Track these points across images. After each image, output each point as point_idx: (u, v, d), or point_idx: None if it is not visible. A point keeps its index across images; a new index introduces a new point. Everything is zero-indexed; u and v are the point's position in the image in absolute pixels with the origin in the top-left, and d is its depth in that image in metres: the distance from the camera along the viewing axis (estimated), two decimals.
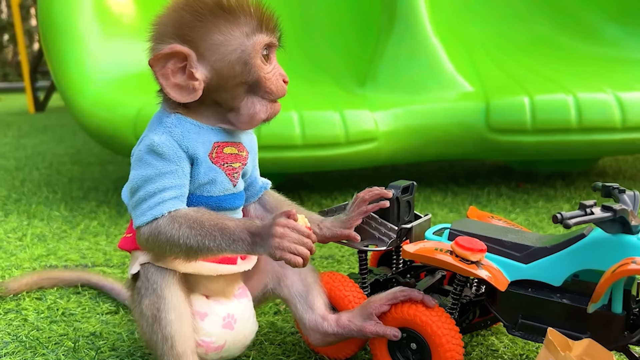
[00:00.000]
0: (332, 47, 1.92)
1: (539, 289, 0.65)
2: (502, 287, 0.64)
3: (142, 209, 0.62)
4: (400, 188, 0.75)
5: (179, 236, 0.61)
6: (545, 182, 1.72)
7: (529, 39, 2.03)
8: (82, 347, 0.81)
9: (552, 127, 1.46)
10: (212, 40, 0.62)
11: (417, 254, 0.67)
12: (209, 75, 0.63)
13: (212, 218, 0.62)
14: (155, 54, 0.61)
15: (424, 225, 0.77)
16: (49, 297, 0.99)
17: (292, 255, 0.58)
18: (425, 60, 1.64)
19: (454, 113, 1.54)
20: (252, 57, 0.63)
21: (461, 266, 0.63)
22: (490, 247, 0.67)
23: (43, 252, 1.23)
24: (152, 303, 0.65)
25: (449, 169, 1.98)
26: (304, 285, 0.75)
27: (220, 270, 0.69)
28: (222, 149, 0.67)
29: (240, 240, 0.60)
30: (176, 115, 0.65)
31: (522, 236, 0.69)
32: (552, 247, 0.65)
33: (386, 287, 0.81)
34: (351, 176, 1.91)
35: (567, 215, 0.58)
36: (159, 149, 0.62)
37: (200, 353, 0.69)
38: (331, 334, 0.72)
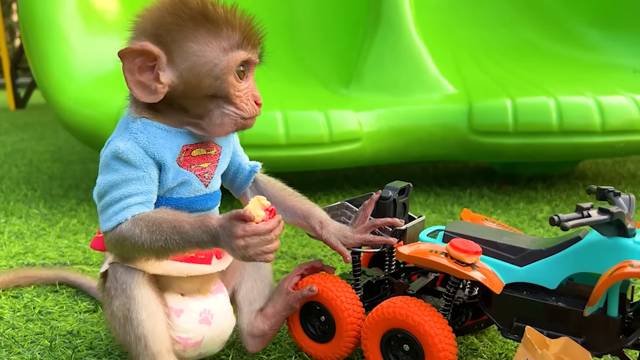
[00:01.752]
0: (318, 48, 1.91)
1: (534, 291, 0.65)
2: (497, 290, 0.63)
3: (108, 214, 0.62)
4: (397, 189, 0.75)
5: (142, 242, 0.60)
6: (527, 185, 1.74)
7: (513, 43, 2.05)
8: (59, 345, 0.80)
9: (534, 129, 1.47)
10: (186, 47, 0.61)
11: (411, 256, 0.67)
12: (177, 82, 0.62)
13: (170, 220, 0.60)
14: (127, 47, 0.60)
15: (417, 227, 0.77)
16: (26, 296, 0.97)
17: (260, 256, 0.58)
18: (410, 62, 1.65)
19: (437, 115, 1.54)
20: (225, 73, 0.61)
21: (456, 268, 0.63)
22: (485, 249, 0.67)
23: (20, 250, 1.21)
24: (123, 304, 0.64)
25: (432, 171, 1.99)
26: (257, 293, 0.76)
27: (192, 270, 0.68)
28: (190, 153, 0.65)
29: (201, 242, 0.59)
30: (142, 120, 0.63)
31: (517, 239, 0.69)
32: (548, 249, 0.64)
33: (379, 289, 0.81)
34: (335, 176, 1.91)
35: (564, 217, 0.58)
36: (124, 156, 0.61)
37: (178, 350, 0.69)
38: (268, 329, 0.74)
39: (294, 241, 1.26)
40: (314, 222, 0.73)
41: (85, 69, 1.51)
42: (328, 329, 0.74)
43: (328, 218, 0.74)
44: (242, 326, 0.75)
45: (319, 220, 0.73)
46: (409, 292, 0.74)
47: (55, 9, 1.52)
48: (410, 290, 0.74)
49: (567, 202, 1.55)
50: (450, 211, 1.49)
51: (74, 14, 1.55)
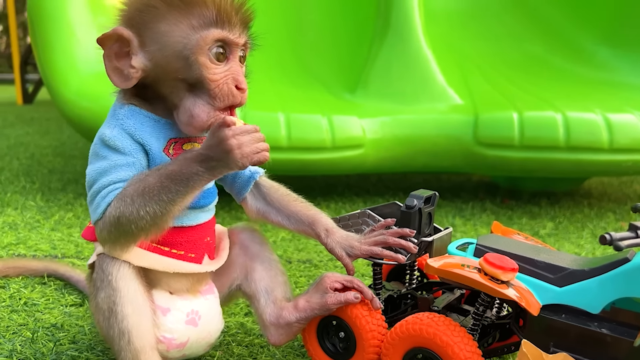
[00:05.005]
0: (324, 54, 1.90)
1: (574, 315, 0.59)
2: (534, 311, 0.58)
3: (96, 201, 0.58)
4: (423, 198, 0.70)
5: (137, 208, 0.56)
6: (530, 200, 1.71)
7: (521, 58, 2.03)
8: (41, 338, 0.78)
9: (540, 144, 1.45)
10: (156, 28, 0.58)
11: (442, 270, 0.62)
12: (149, 65, 0.58)
13: (152, 173, 0.57)
14: (103, 33, 0.58)
15: (445, 239, 0.73)
16: (13, 286, 0.95)
17: (258, 155, 0.55)
18: (417, 71, 1.64)
19: (442, 125, 1.52)
20: (195, 53, 0.57)
21: (490, 285, 0.58)
22: (521, 266, 0.62)
23: (12, 241, 1.19)
24: (108, 296, 0.61)
25: (435, 182, 1.97)
26: (270, 280, 0.72)
27: (178, 267, 0.65)
28: (180, 145, 0.63)
29: (194, 175, 0.56)
30: (130, 107, 0.61)
31: (556, 256, 0.64)
32: (591, 270, 0.59)
33: (400, 303, 0.76)
34: (337, 183, 1.89)
35: (617, 236, 0.54)
36: (112, 143, 0.59)
37: (162, 350, 0.66)
38: (294, 322, 0.69)
39: (290, 245, 1.23)
40: (320, 229, 0.69)
41: (89, 62, 1.50)
42: (348, 346, 0.69)
43: (334, 226, 0.70)
44: (263, 316, 0.71)
45: (325, 227, 0.70)
46: (434, 308, 0.70)
47: (63, 1, 1.51)
48: (436, 307, 0.70)
49: (572, 219, 1.52)
50: (451, 223, 1.46)
51: (82, 6, 1.54)
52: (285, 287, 0.73)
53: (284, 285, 0.73)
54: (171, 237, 0.65)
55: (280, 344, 0.71)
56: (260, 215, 0.72)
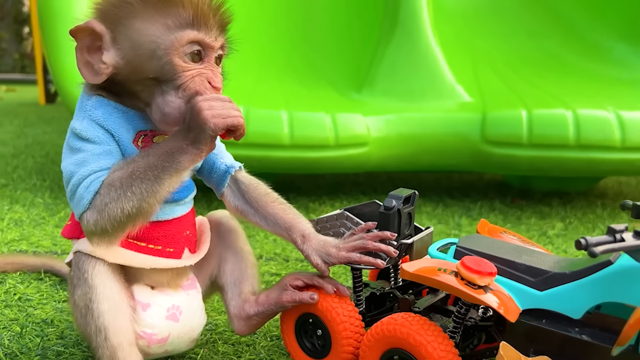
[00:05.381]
0: (331, 52, 1.89)
1: (554, 320, 0.57)
2: (511, 318, 0.56)
3: (79, 193, 0.57)
4: (402, 198, 0.68)
5: (123, 190, 0.55)
6: (542, 200, 1.67)
7: (536, 55, 1.99)
8: (29, 333, 0.78)
9: (549, 142, 1.41)
10: (129, 25, 0.57)
11: (417, 274, 0.60)
12: (121, 62, 0.58)
13: (138, 157, 0.57)
14: (76, 26, 0.58)
15: (425, 240, 0.70)
16: (9, 282, 0.96)
17: (231, 118, 0.55)
18: (425, 69, 1.61)
19: (449, 123, 1.50)
20: (169, 53, 0.56)
21: (466, 291, 0.56)
22: (501, 269, 0.60)
23: (16, 237, 1.21)
24: (84, 293, 0.61)
25: (445, 181, 1.94)
26: (240, 273, 0.73)
27: (155, 264, 0.65)
28: (150, 138, 0.62)
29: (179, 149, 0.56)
30: (97, 98, 0.60)
31: (538, 258, 0.61)
32: (573, 273, 0.57)
33: (384, 302, 0.75)
34: (344, 181, 1.87)
35: (593, 240, 0.50)
36: (84, 134, 0.58)
37: (142, 346, 0.66)
38: (253, 315, 0.70)
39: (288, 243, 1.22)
40: (296, 235, 0.68)
41: None
42: (324, 344, 0.68)
43: (312, 231, 0.68)
44: (228, 307, 0.72)
45: (302, 233, 0.68)
46: (415, 309, 0.68)
47: None
48: (417, 308, 0.68)
49: (583, 220, 1.48)
50: (457, 223, 1.43)
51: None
52: (253, 280, 0.74)
53: (252, 277, 0.73)
54: (147, 232, 0.64)
55: (243, 334, 0.73)
56: (239, 213, 0.72)
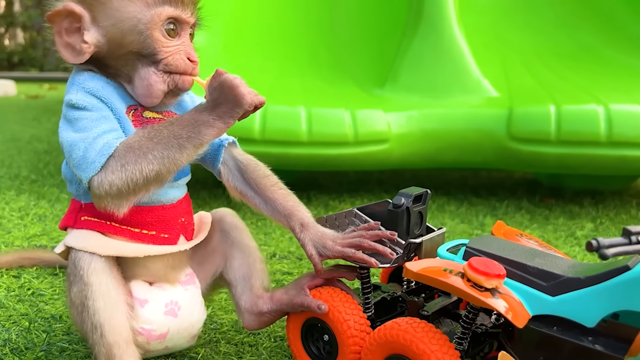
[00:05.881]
0: (357, 49, 1.86)
1: (566, 328, 0.54)
2: (519, 324, 0.53)
3: (89, 157, 0.56)
4: (412, 196, 0.65)
5: (144, 152, 0.56)
6: (572, 199, 1.61)
7: (570, 49, 1.91)
8: (37, 328, 0.79)
9: (578, 139, 1.35)
10: (108, 4, 0.60)
11: (421, 275, 0.57)
12: (102, 40, 0.60)
13: (161, 125, 0.58)
14: (52, 9, 0.59)
15: (436, 240, 0.68)
16: (25, 277, 0.98)
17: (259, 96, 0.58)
18: (449, 63, 1.57)
19: (473, 118, 1.45)
20: (149, 28, 0.60)
21: (472, 293, 0.53)
22: (511, 272, 0.57)
23: (38, 232, 1.23)
24: (80, 290, 0.62)
25: (472, 179, 1.89)
26: (248, 268, 0.72)
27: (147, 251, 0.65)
28: (140, 113, 0.64)
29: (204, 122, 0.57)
30: (89, 72, 0.62)
31: (552, 262, 0.58)
32: (587, 278, 0.53)
33: (395, 306, 0.72)
34: (368, 179, 1.84)
35: (605, 242, 0.47)
36: (80, 104, 0.59)
37: (142, 342, 0.66)
38: (265, 311, 0.70)
39: None
40: (295, 223, 0.67)
41: None
42: (331, 350, 0.66)
43: (311, 221, 0.67)
44: (239, 302, 0.72)
45: (301, 222, 0.67)
46: (423, 313, 0.65)
47: None
48: (425, 312, 0.65)
49: (615, 220, 1.41)
50: (480, 222, 1.39)
51: None
52: (263, 275, 0.73)
53: (261, 272, 0.73)
54: (141, 217, 0.65)
55: (252, 329, 0.72)
56: (239, 194, 0.71)
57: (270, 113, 1.35)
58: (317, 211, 1.45)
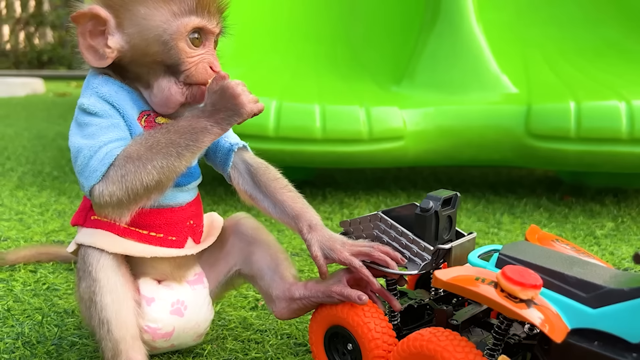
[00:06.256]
0: (376, 45, 1.84)
1: (608, 343, 0.49)
2: (556, 338, 0.49)
3: (92, 166, 0.57)
4: (441, 199, 0.63)
5: (143, 163, 0.56)
6: (594, 197, 1.57)
7: (594, 44, 1.87)
8: (49, 322, 0.81)
9: (599, 136, 1.32)
10: (135, 11, 0.59)
11: (451, 284, 0.54)
12: (126, 46, 0.60)
13: (158, 131, 0.58)
14: (77, 10, 0.60)
15: (466, 245, 0.65)
16: (41, 271, 1.00)
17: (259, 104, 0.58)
18: (467, 59, 1.54)
19: (491, 115, 1.43)
20: (175, 38, 0.59)
21: (506, 304, 0.49)
22: (548, 281, 0.53)
23: (56, 228, 1.26)
24: (88, 286, 0.63)
25: (492, 176, 1.86)
26: (272, 259, 0.71)
27: (154, 252, 0.65)
28: (153, 118, 0.64)
29: (203, 129, 0.57)
30: (104, 77, 0.62)
31: (592, 271, 0.54)
32: (632, 290, 0.49)
33: (423, 314, 0.70)
34: (384, 176, 1.83)
35: None
36: (91, 109, 0.60)
37: (147, 340, 0.67)
38: (297, 298, 0.67)
39: None
40: (302, 224, 0.66)
41: None
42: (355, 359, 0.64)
43: (320, 223, 0.66)
44: (269, 290, 0.70)
45: (309, 223, 0.66)
46: (453, 322, 0.62)
47: None
48: (454, 321, 0.62)
49: (637, 219, 1.38)
50: (497, 220, 1.37)
51: None
52: (288, 264, 0.71)
53: (286, 261, 0.72)
54: (149, 219, 0.65)
55: (282, 318, 0.70)
56: (249, 198, 0.71)
57: (285, 110, 1.35)
58: (332, 208, 1.45)
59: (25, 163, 1.99)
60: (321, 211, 1.42)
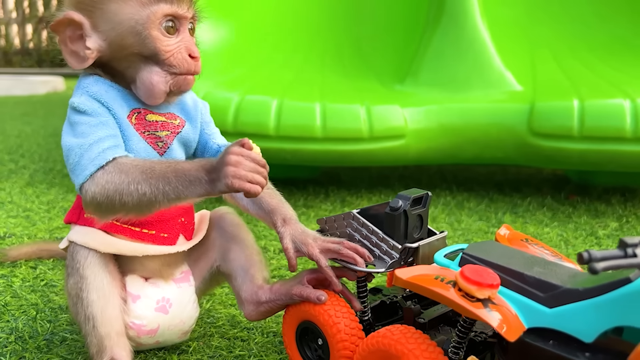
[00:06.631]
0: (379, 43, 1.84)
1: (563, 343, 0.49)
2: (510, 337, 0.49)
3: (82, 164, 0.59)
4: (410, 199, 0.64)
5: (129, 182, 0.57)
6: (600, 197, 1.55)
7: (604, 41, 1.84)
8: (42, 318, 0.83)
9: (603, 134, 1.30)
10: (106, 9, 0.61)
11: (410, 282, 0.54)
12: (104, 45, 0.62)
13: (163, 162, 0.59)
14: (54, 19, 0.61)
15: (436, 244, 0.65)
16: (41, 267, 1.02)
17: (250, 184, 0.55)
18: (471, 56, 1.53)
19: (493, 113, 1.42)
20: (147, 27, 0.60)
21: (462, 304, 0.49)
22: (507, 281, 0.53)
23: (60, 225, 1.28)
24: (75, 282, 0.65)
25: (498, 174, 1.84)
26: (247, 260, 0.73)
27: (146, 250, 0.67)
28: (144, 116, 0.65)
29: (197, 180, 0.56)
30: (94, 76, 0.64)
31: (552, 271, 0.54)
32: (586, 290, 0.49)
33: (395, 311, 0.70)
34: (389, 174, 1.83)
35: (597, 255, 0.43)
36: (81, 107, 0.61)
37: (132, 336, 0.68)
38: (264, 301, 0.70)
39: None
40: (277, 218, 0.68)
41: None
42: (323, 355, 0.65)
43: (294, 218, 0.68)
44: (239, 292, 0.72)
45: (283, 217, 0.68)
46: (420, 320, 0.63)
47: None
48: (422, 319, 0.63)
49: None
50: (499, 220, 1.36)
51: None
52: (261, 266, 0.74)
53: (259, 263, 0.74)
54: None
55: (252, 320, 0.73)
56: (230, 197, 0.73)
57: (286, 108, 1.36)
58: (333, 207, 1.45)
59: (38, 161, 2.03)
60: (322, 209, 1.42)
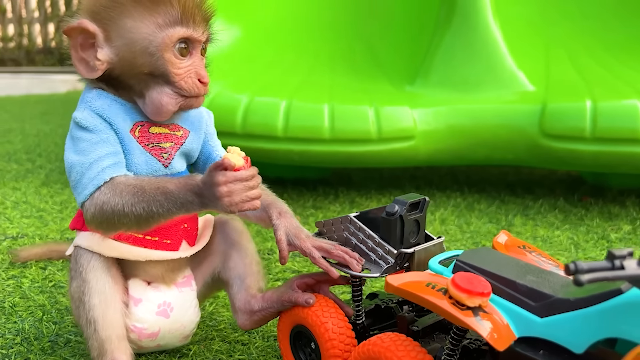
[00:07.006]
0: (391, 44, 1.83)
1: (553, 353, 0.49)
2: (500, 346, 0.48)
3: (83, 183, 0.61)
4: (406, 204, 0.63)
5: (123, 204, 0.59)
6: (614, 199, 1.52)
7: (622, 39, 1.80)
8: (48, 319, 0.84)
9: (615, 136, 1.28)
10: (122, 24, 0.61)
11: (401, 289, 0.53)
12: (115, 59, 0.62)
13: (152, 182, 0.60)
14: (68, 25, 0.62)
15: (432, 250, 0.65)
16: (50, 268, 1.04)
17: (248, 204, 0.56)
18: (482, 56, 1.51)
19: (504, 114, 1.40)
20: (161, 50, 0.61)
21: (452, 312, 0.49)
22: (500, 289, 0.53)
23: None
24: (78, 286, 0.66)
25: (511, 175, 1.82)
26: (245, 269, 0.74)
27: (149, 256, 0.68)
28: (147, 129, 0.65)
29: (187, 202, 0.58)
30: (97, 90, 0.64)
31: (545, 280, 0.53)
32: (577, 300, 0.48)
33: (391, 315, 0.70)
34: (401, 175, 1.82)
35: (583, 266, 0.43)
36: (83, 123, 0.62)
37: (134, 339, 0.69)
38: (257, 310, 0.71)
39: None
40: (273, 211, 0.69)
41: None
42: (317, 358, 0.65)
43: (290, 212, 0.69)
44: (234, 301, 0.74)
45: (279, 210, 0.69)
46: (414, 328, 0.62)
47: None
48: (415, 327, 0.62)
49: None
50: (509, 222, 1.35)
51: None
52: (259, 277, 0.74)
53: (257, 274, 0.74)
54: None
55: (246, 329, 0.74)
56: None
57: (294, 110, 1.36)
58: (342, 208, 1.45)
59: (55, 160, 2.06)
60: (331, 210, 1.42)
